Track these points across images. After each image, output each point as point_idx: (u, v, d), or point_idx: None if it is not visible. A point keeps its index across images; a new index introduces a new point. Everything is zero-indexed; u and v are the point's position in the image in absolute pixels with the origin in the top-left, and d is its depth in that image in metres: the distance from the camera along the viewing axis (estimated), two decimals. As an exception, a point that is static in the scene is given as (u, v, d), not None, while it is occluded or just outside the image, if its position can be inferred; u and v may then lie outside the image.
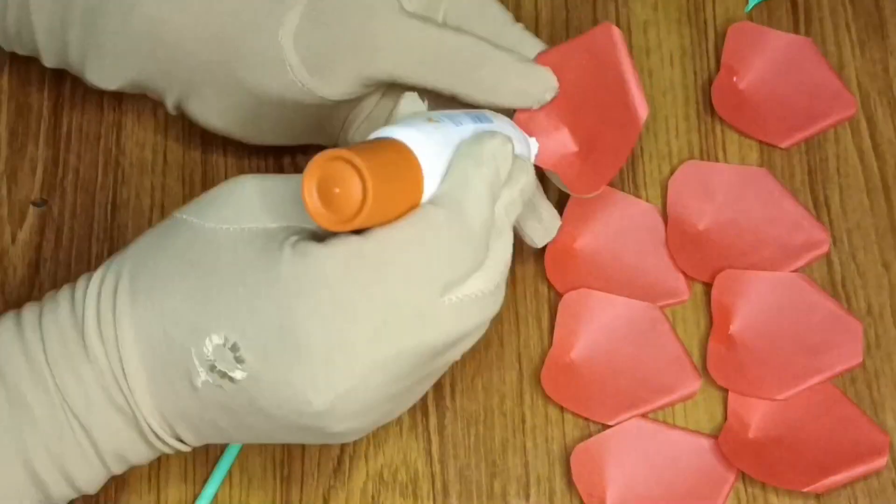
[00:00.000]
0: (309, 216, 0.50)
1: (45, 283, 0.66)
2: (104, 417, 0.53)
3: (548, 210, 0.61)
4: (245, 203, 0.53)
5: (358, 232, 0.51)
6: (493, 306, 0.54)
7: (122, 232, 0.67)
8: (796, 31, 0.70)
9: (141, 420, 0.53)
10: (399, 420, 0.56)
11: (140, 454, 0.55)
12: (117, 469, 0.55)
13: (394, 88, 0.63)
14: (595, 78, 0.60)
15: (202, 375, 0.52)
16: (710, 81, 0.69)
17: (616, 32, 0.60)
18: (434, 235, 0.51)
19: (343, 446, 0.63)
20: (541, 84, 0.60)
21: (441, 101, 0.60)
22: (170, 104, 0.63)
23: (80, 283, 0.54)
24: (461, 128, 0.55)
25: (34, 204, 0.67)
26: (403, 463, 0.62)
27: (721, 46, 0.70)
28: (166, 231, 0.54)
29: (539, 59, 0.61)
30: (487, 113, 0.57)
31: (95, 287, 0.54)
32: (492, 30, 0.61)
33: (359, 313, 0.50)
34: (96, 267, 0.54)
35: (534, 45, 0.61)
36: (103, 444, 0.53)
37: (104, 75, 0.63)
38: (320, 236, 0.52)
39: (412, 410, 0.61)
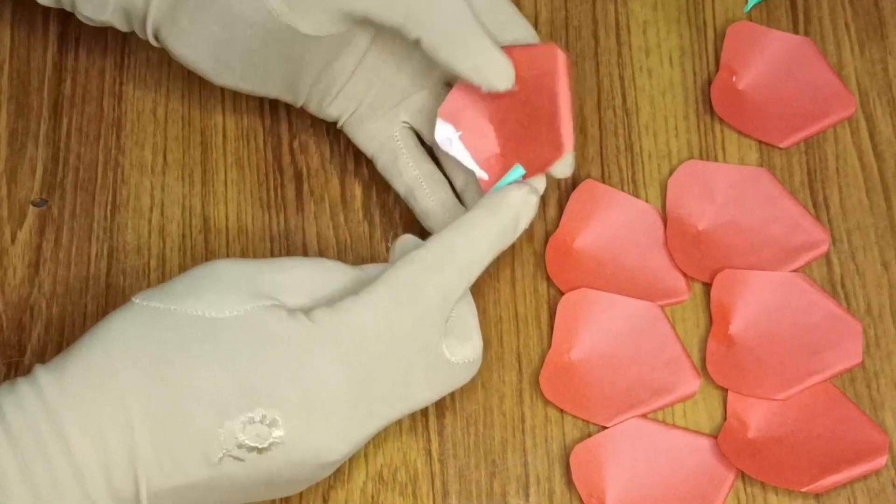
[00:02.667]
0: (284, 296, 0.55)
1: (44, 283, 0.66)
2: None
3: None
4: (233, 289, 0.55)
5: None
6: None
7: (121, 232, 0.67)
8: (795, 30, 0.70)
9: None
10: (399, 420, 0.56)
11: None
12: None
13: (370, 64, 0.63)
14: (532, 92, 0.59)
15: (225, 451, 0.53)
16: (710, 81, 0.69)
17: (560, 57, 0.59)
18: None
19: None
20: (497, 72, 0.59)
21: (405, 45, 0.60)
22: (150, 33, 0.63)
23: (41, 376, 0.53)
24: None
25: (34, 204, 0.67)
26: (403, 463, 0.62)
27: (720, 46, 0.70)
28: (144, 319, 0.54)
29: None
30: None
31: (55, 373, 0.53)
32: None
33: (385, 363, 0.55)
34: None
35: (520, 28, 0.61)
36: None
37: (93, 5, 0.62)
38: (304, 309, 0.55)
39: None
